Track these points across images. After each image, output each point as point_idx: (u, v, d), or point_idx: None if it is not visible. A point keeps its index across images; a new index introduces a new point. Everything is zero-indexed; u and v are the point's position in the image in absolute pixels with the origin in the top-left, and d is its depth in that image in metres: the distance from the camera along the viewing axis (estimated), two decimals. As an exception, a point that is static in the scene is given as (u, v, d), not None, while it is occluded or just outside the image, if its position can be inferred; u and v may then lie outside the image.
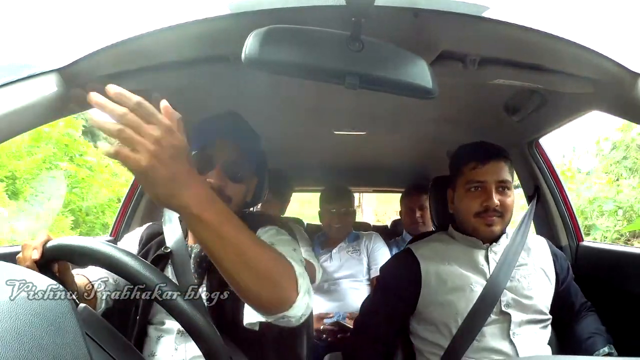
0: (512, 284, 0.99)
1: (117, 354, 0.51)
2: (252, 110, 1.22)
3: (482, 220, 1.00)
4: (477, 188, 1.00)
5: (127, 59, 0.82)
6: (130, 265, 0.50)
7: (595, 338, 1.03)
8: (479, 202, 0.99)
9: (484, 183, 0.99)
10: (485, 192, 0.99)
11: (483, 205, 0.98)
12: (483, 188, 0.99)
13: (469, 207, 1.01)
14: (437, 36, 0.75)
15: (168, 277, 0.58)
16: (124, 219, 1.47)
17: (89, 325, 0.49)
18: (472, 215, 1.00)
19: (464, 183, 1.02)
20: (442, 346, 0.98)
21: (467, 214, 1.02)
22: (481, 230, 1.00)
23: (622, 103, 0.85)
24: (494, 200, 0.97)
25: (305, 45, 0.58)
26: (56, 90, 0.80)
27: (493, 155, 1.01)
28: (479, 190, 1.00)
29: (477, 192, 1.00)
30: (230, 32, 0.71)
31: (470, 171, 1.01)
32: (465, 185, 1.02)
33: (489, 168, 0.99)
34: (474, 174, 1.00)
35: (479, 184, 1.00)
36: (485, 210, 0.99)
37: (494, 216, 0.99)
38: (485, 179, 0.99)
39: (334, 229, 1.83)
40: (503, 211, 1.00)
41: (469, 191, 1.01)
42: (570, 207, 1.39)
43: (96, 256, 0.52)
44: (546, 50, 0.77)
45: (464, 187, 1.02)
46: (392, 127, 1.55)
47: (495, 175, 0.99)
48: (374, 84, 0.61)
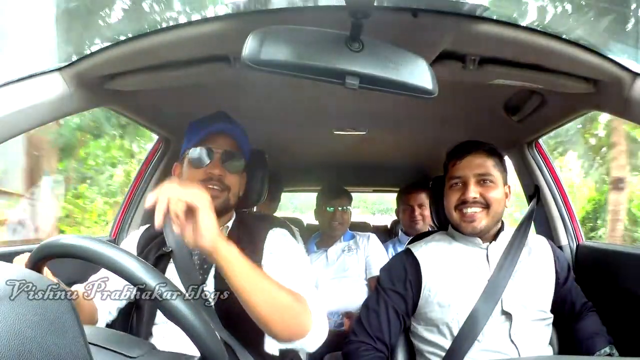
0: (513, 283, 0.99)
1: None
2: (252, 110, 1.22)
3: (460, 214, 1.01)
4: (457, 184, 1.03)
5: (128, 59, 0.82)
6: (130, 265, 0.50)
7: (596, 338, 1.03)
8: (457, 196, 1.01)
9: (462, 177, 1.02)
10: (464, 186, 1.01)
11: (460, 198, 1.01)
12: (462, 183, 1.02)
13: (449, 201, 1.03)
14: (437, 36, 0.75)
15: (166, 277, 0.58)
16: (124, 220, 1.47)
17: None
18: (453, 210, 1.03)
19: (447, 180, 1.06)
20: (443, 346, 0.98)
21: (449, 209, 1.04)
22: (463, 225, 1.02)
23: (622, 103, 0.85)
24: (470, 193, 0.99)
25: (305, 46, 0.58)
26: (57, 90, 0.80)
27: (472, 149, 1.03)
28: (459, 186, 1.02)
29: (457, 187, 1.03)
30: (230, 32, 0.71)
31: (451, 168, 1.04)
32: (449, 182, 1.05)
33: (466, 163, 1.02)
34: (453, 170, 1.04)
35: (458, 179, 1.02)
36: (462, 203, 1.00)
37: (475, 209, 1.00)
38: (463, 173, 1.02)
39: (333, 227, 1.83)
40: (487, 203, 1.00)
41: (450, 188, 1.04)
42: (570, 207, 1.38)
43: (95, 256, 0.51)
44: (546, 50, 0.77)
45: (447, 183, 1.05)
46: (392, 127, 1.55)
47: (474, 169, 1.01)
48: (373, 84, 0.61)
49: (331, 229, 1.83)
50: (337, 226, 1.82)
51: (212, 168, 0.91)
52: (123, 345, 0.52)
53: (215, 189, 0.91)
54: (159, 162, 1.44)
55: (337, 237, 1.85)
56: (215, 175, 0.90)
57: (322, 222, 1.87)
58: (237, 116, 1.01)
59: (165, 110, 1.21)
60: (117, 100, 1.02)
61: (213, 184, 0.91)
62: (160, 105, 1.17)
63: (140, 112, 1.20)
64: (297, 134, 1.68)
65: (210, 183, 0.91)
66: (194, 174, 0.91)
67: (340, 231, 1.85)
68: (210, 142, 0.92)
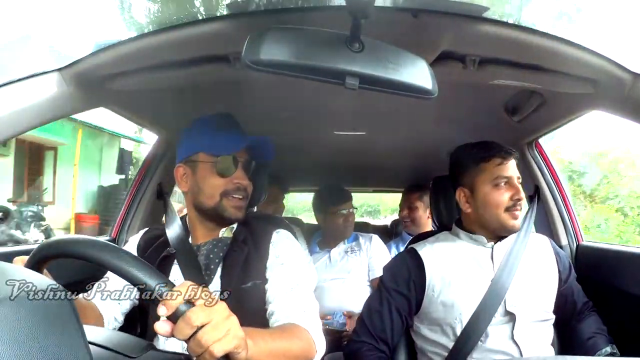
0: (516, 283, 0.98)
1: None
2: (252, 111, 1.22)
3: (510, 214, 1.01)
4: (502, 184, 1.02)
5: (128, 59, 0.82)
6: (130, 265, 0.50)
7: (598, 338, 1.03)
8: (509, 196, 1.01)
9: (510, 178, 1.02)
10: (513, 187, 1.02)
11: (514, 199, 1.01)
12: (509, 184, 1.02)
13: (499, 202, 1.01)
14: (437, 36, 0.75)
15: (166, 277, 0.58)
16: (125, 220, 1.47)
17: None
18: (503, 210, 1.01)
19: (489, 179, 1.03)
20: (446, 346, 0.98)
21: (496, 209, 1.02)
22: (509, 224, 1.02)
23: (622, 103, 0.85)
24: (521, 193, 1.02)
25: (305, 46, 0.58)
26: (57, 90, 0.80)
27: (512, 151, 1.05)
28: (507, 186, 1.02)
29: (506, 187, 1.02)
30: (230, 32, 0.72)
31: (495, 167, 1.03)
32: (493, 181, 1.03)
33: (512, 164, 1.03)
34: (501, 170, 1.02)
35: (506, 179, 1.02)
36: (514, 204, 1.01)
37: (519, 210, 1.02)
38: (511, 174, 1.02)
39: (342, 230, 1.82)
40: (522, 206, 1.03)
41: (497, 187, 1.02)
42: (570, 207, 1.39)
43: (95, 256, 0.51)
44: (546, 50, 0.77)
45: (490, 183, 1.03)
46: (392, 127, 1.55)
47: (516, 171, 1.04)
48: (373, 84, 0.61)
49: (340, 231, 1.83)
50: (346, 229, 1.82)
51: (240, 178, 0.91)
52: (123, 345, 0.52)
53: (242, 200, 0.91)
54: (159, 162, 1.44)
55: (343, 238, 1.85)
56: (243, 186, 0.91)
57: (329, 225, 1.85)
58: (237, 116, 1.01)
59: (165, 110, 1.21)
60: (117, 100, 1.02)
61: (240, 194, 0.91)
62: (160, 106, 1.17)
63: (140, 112, 1.20)
64: (297, 134, 1.68)
65: (238, 193, 0.91)
66: (219, 182, 0.90)
67: (348, 233, 1.85)
68: (238, 152, 0.91)
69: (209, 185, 0.90)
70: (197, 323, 0.46)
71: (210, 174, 0.90)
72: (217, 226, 0.95)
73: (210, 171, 0.90)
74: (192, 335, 0.47)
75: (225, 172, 0.90)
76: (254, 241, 0.93)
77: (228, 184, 0.90)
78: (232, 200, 0.90)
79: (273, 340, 0.67)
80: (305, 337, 0.76)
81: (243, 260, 0.90)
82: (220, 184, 0.90)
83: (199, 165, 0.92)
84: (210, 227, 0.95)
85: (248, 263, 0.90)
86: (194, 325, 0.46)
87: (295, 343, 0.73)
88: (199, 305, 0.48)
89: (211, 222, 0.94)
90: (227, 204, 0.90)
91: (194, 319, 0.46)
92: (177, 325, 0.47)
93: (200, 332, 0.47)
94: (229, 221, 0.93)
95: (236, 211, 0.91)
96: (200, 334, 0.47)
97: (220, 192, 0.90)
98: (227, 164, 0.90)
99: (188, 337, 0.47)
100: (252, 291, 0.87)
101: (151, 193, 1.43)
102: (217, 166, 0.90)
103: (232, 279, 0.88)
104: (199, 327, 0.47)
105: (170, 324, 0.47)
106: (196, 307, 0.47)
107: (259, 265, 0.90)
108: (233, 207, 0.90)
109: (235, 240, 0.94)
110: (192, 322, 0.46)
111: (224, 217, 0.91)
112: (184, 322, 0.46)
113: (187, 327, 0.46)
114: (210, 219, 0.93)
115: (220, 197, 0.90)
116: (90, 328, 0.58)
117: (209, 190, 0.90)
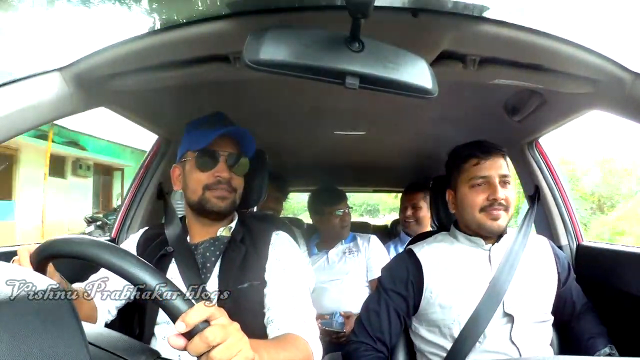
0: (515, 285, 0.98)
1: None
2: (252, 110, 1.22)
3: (487, 215, 0.99)
4: (481, 183, 1.00)
5: (128, 59, 0.82)
6: (130, 265, 0.50)
7: (596, 338, 1.03)
8: (485, 196, 0.99)
9: (487, 178, 1.00)
10: (490, 186, 0.99)
11: (489, 199, 0.98)
12: (487, 183, 1.00)
13: (474, 202, 1.00)
14: (437, 36, 0.75)
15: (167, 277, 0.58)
16: (125, 220, 1.47)
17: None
18: (478, 211, 1.00)
19: (466, 180, 1.02)
20: (444, 347, 0.98)
21: (472, 210, 1.01)
22: (487, 225, 0.99)
23: (622, 103, 0.85)
24: (499, 193, 0.98)
25: (305, 46, 0.58)
26: (57, 90, 0.80)
27: (492, 150, 1.02)
28: (483, 186, 1.00)
29: (482, 187, 1.00)
30: (230, 32, 0.71)
31: (472, 167, 1.01)
32: (469, 181, 1.01)
33: (491, 163, 1.00)
34: (477, 170, 1.01)
35: (483, 179, 1.00)
36: (490, 204, 0.99)
37: (500, 210, 0.99)
38: (489, 173, 1.00)
39: (339, 230, 1.82)
40: (507, 205, 1.00)
41: (473, 187, 1.01)
42: (570, 207, 1.38)
43: (95, 256, 0.51)
44: (546, 50, 0.77)
45: (467, 183, 1.02)
46: (392, 127, 1.55)
47: (498, 169, 1.00)
48: (374, 84, 0.60)
49: (337, 232, 1.83)
50: (343, 229, 1.82)
51: (220, 171, 0.92)
52: (128, 351, 0.51)
53: (224, 191, 0.92)
54: (159, 162, 1.44)
55: (341, 239, 1.85)
56: (224, 179, 0.92)
57: (326, 226, 1.85)
58: (237, 116, 1.01)
59: (165, 110, 1.21)
60: (117, 100, 1.02)
61: (222, 187, 0.92)
62: (160, 106, 1.16)
63: (139, 112, 1.20)
64: (297, 134, 1.68)
65: (219, 186, 0.92)
66: (201, 177, 0.92)
67: (346, 233, 1.85)
68: (217, 145, 0.92)
69: (193, 180, 0.93)
70: (214, 342, 0.47)
71: (194, 170, 0.93)
72: (211, 222, 0.96)
73: (194, 167, 0.93)
74: (205, 352, 0.48)
75: (203, 166, 0.92)
76: (253, 241, 0.93)
77: (209, 178, 0.92)
78: (214, 191, 0.92)
79: (277, 353, 0.68)
80: (305, 348, 0.78)
81: (241, 260, 0.90)
82: (202, 178, 0.92)
83: (187, 164, 0.95)
84: (206, 224, 0.96)
85: (246, 263, 0.90)
86: (210, 344, 0.47)
87: (296, 355, 0.74)
88: (215, 325, 0.48)
89: (202, 217, 0.96)
90: (209, 195, 0.92)
91: (212, 339, 0.47)
92: (192, 342, 0.47)
93: (214, 351, 0.47)
94: (214, 213, 0.93)
95: (218, 201, 0.92)
96: (213, 353, 0.47)
97: (202, 185, 0.92)
98: (205, 158, 0.92)
99: (201, 354, 0.48)
100: (248, 292, 0.88)
101: (151, 193, 1.43)
102: (197, 161, 0.92)
103: (229, 279, 0.88)
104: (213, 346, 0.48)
105: (185, 340, 0.48)
106: (213, 326, 0.48)
107: (257, 266, 0.90)
108: (215, 197, 0.92)
109: (234, 239, 0.94)
110: (209, 341, 0.47)
111: (207, 208, 0.92)
112: (201, 340, 0.47)
113: (203, 346, 0.47)
114: (199, 213, 0.95)
115: (202, 190, 0.92)
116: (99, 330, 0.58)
117: (193, 185, 0.93)
